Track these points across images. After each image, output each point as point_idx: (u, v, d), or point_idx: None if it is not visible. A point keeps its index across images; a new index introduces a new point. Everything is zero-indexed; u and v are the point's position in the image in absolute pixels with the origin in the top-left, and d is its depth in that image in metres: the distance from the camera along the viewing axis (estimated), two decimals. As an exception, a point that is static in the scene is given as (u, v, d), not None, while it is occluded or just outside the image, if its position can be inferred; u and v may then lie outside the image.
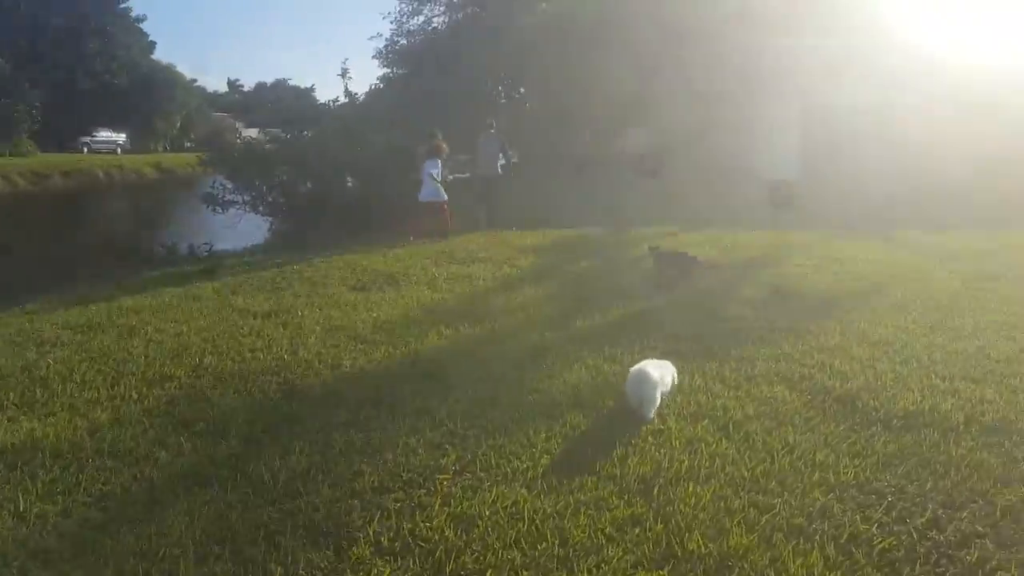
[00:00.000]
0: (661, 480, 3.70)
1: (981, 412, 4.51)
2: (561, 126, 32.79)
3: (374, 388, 5.01)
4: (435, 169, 12.78)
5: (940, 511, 3.41)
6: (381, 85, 33.32)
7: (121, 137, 53.44)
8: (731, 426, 4.32)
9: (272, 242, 14.87)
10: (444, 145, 13.03)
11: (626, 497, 3.55)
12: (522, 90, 28.21)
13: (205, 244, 13.39)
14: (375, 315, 6.86)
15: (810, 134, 22.35)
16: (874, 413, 4.51)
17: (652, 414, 4.39)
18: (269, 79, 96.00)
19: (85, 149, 50.28)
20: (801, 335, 6.17)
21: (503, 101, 28.91)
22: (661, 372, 4.54)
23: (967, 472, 3.76)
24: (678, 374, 4.82)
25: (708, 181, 23.03)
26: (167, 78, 62.73)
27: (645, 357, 4.96)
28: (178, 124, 64.25)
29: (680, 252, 9.03)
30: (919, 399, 4.70)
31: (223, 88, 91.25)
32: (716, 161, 26.01)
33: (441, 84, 30.39)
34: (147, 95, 58.79)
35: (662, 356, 5.06)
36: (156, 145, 60.43)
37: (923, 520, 3.32)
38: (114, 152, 50.75)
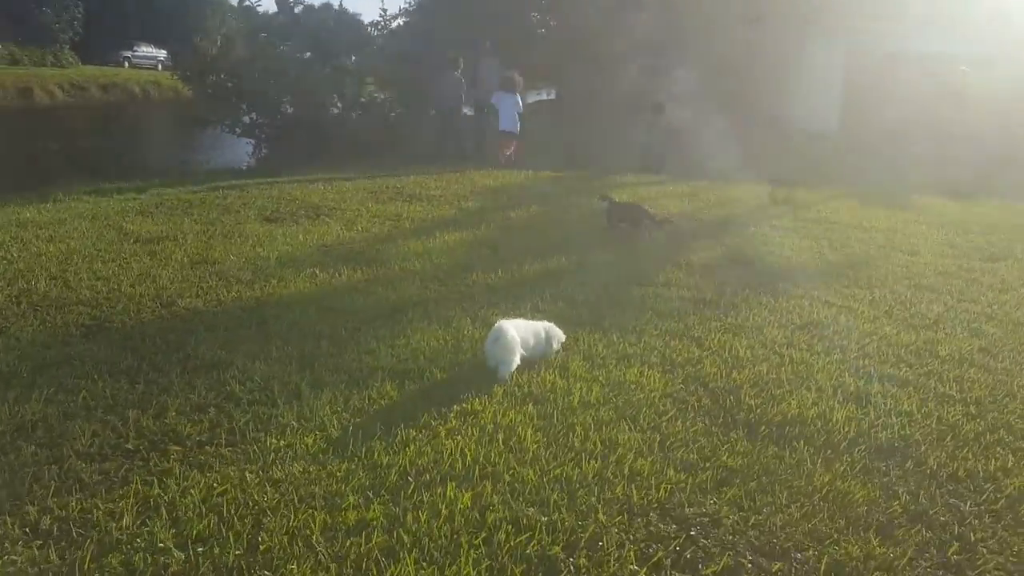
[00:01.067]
0: (426, 477, 2.98)
1: (881, 427, 3.63)
2: (600, 62, 31.19)
3: (185, 333, 4.36)
4: (512, 100, 13.32)
5: (748, 558, 2.62)
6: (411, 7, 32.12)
7: (162, 53, 53.07)
8: (556, 415, 3.54)
9: (249, 164, 14.25)
10: (519, 78, 13.45)
11: (368, 495, 2.84)
12: (552, 23, 26.46)
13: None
14: (261, 251, 6.18)
15: (854, 82, 20.58)
16: (745, 414, 3.68)
17: (507, 376, 3.87)
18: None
19: (126, 64, 50.12)
20: (722, 309, 5.29)
21: (541, 31, 27.25)
22: (530, 332, 4.06)
23: (819, 506, 2.95)
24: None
25: (736, 126, 21.66)
26: (207, -2, 61.76)
27: (527, 319, 4.28)
28: (218, 43, 63.62)
29: (634, 204, 8.10)
30: (810, 402, 3.84)
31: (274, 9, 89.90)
32: (750, 106, 24.43)
33: (476, 9, 29.07)
34: (187, 12, 58.17)
35: (548, 320, 4.33)
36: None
37: (714, 570, 2.54)
38: (155, 68, 50.50)
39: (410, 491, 2.87)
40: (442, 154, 13.22)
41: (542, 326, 4.23)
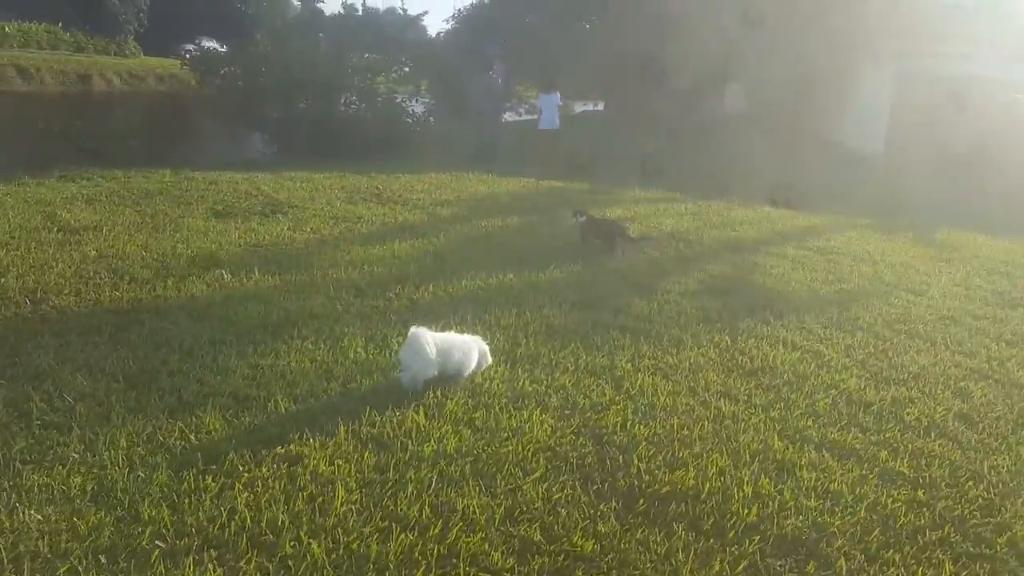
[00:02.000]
0: (183, 543, 2.42)
1: (792, 512, 2.94)
2: (650, 77, 30.37)
3: (30, 335, 3.91)
4: (553, 101, 15.18)
5: None
6: (464, 12, 31.89)
7: (222, 48, 54.08)
8: (395, 467, 2.95)
9: (262, 155, 13.98)
10: (558, 80, 16.04)
11: (99, 560, 2.30)
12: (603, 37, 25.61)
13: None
14: (182, 247, 5.73)
15: (905, 105, 19.41)
16: (629, 481, 3.03)
17: (411, 387, 3.58)
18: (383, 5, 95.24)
19: (187, 56, 51.13)
20: (664, 345, 4.62)
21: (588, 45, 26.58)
22: (453, 345, 3.72)
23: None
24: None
25: (781, 147, 20.69)
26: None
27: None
28: (320, 45, 64.53)
29: (610, 220, 7.45)
30: (716, 471, 3.16)
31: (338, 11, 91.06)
32: (798, 126, 23.40)
33: (524, 18, 28.71)
34: (249, 8, 59.25)
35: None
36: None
37: None
38: (213, 62, 51.34)
39: (152, 559, 2.32)
40: (477, 155, 13.47)
41: (472, 341, 3.84)
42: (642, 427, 3.49)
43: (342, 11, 17.00)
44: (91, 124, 20.32)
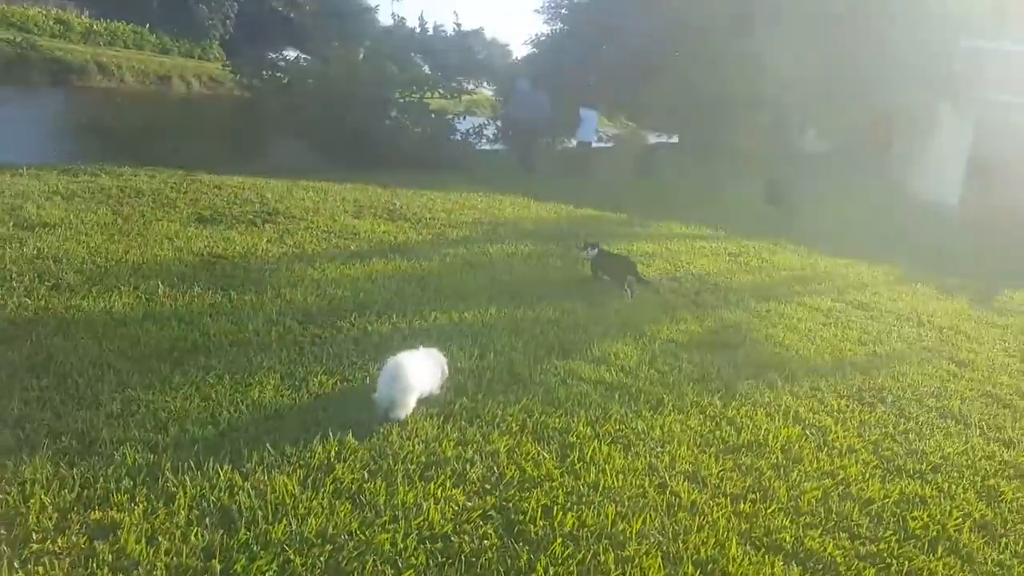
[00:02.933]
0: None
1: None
2: (727, 112, 29.53)
3: None
4: (592, 115, 17.47)
5: None
6: (543, 38, 31.70)
7: (304, 58, 55.50)
8: (225, 553, 2.43)
9: (297, 166, 13.83)
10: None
11: None
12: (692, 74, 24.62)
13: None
14: (134, 254, 5.35)
15: (984, 156, 18.09)
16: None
17: (403, 418, 3.41)
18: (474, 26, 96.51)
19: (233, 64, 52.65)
20: (640, 407, 3.99)
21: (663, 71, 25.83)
22: (435, 367, 3.69)
23: None
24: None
25: (852, 190, 19.59)
26: (355, 9, 64.24)
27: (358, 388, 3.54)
28: (360, 55, 66.25)
29: (622, 256, 6.82)
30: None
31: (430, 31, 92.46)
32: (873, 171, 22.26)
33: (601, 47, 28.34)
34: (332, 22, 60.64)
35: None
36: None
37: None
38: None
39: None
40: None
41: (438, 359, 3.76)
42: (570, 515, 2.89)
43: (418, 28, 17.02)
44: (149, 122, 20.78)
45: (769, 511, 3.16)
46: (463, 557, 2.56)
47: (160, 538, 2.41)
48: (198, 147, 14.23)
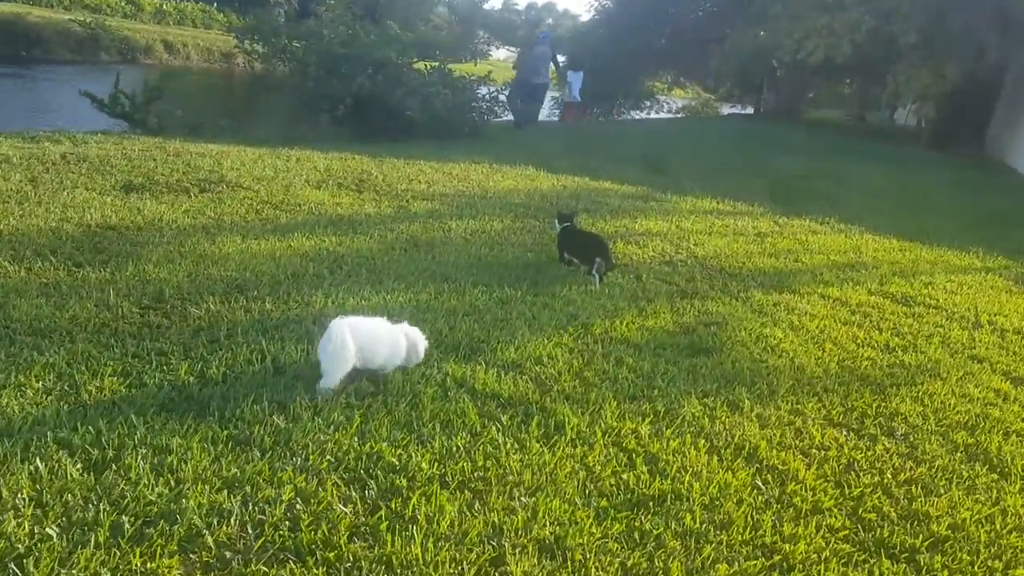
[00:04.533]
0: None
1: None
2: (805, 80, 27.54)
3: None
4: (579, 76, 19.44)
5: None
6: (607, 4, 30.22)
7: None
8: None
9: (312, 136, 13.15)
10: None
11: None
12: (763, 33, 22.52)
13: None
14: (7, 224, 4.66)
15: None
16: None
17: (328, 392, 3.00)
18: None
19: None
20: (525, 434, 2.98)
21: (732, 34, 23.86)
22: (379, 338, 3.14)
23: None
24: None
25: (936, 165, 17.62)
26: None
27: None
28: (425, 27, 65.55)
29: (594, 235, 5.72)
30: None
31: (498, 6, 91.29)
32: (968, 145, 19.99)
33: (668, 11, 26.83)
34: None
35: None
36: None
37: None
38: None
39: None
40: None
41: (401, 331, 3.24)
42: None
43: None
44: (193, 98, 20.65)
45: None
46: None
47: None
48: (241, 122, 13.73)
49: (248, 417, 2.80)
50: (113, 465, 2.42)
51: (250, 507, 2.31)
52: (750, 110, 32.51)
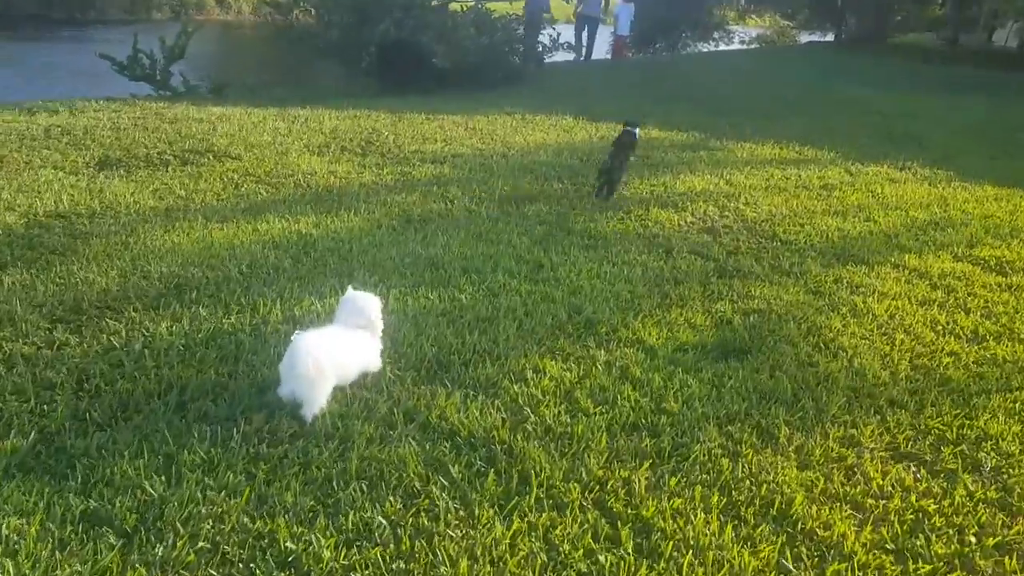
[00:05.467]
0: None
1: None
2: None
3: None
4: (629, 10, 17.85)
5: None
6: None
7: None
8: None
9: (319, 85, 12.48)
10: None
11: None
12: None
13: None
14: None
15: None
16: None
17: (315, 410, 2.56)
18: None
19: None
20: (478, 480, 2.29)
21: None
22: (352, 347, 2.73)
23: None
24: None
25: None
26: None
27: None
28: None
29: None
30: None
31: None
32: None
33: None
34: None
35: None
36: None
37: None
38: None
39: None
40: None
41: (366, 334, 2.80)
42: None
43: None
44: (224, 56, 20.32)
45: None
46: None
47: None
48: (273, 79, 13.22)
49: (118, 481, 2.21)
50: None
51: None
52: (831, 37, 29.99)
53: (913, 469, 2.66)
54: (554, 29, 13.55)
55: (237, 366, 2.83)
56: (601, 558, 2.09)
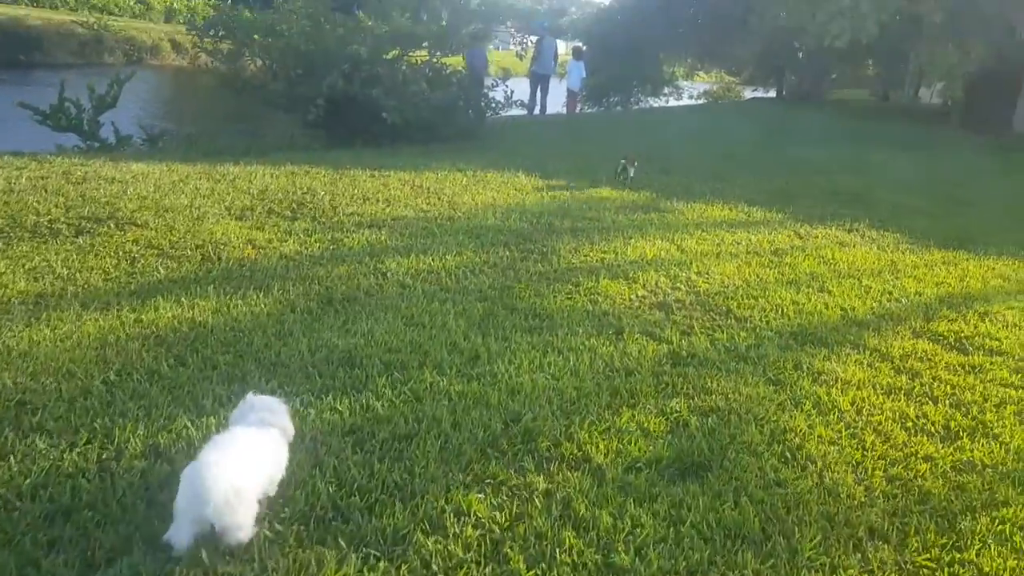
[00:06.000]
0: None
1: None
2: (826, 61, 25.92)
3: None
4: (579, 66, 18.56)
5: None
6: None
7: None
8: None
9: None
10: (584, 49, 20.31)
11: None
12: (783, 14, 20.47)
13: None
14: None
15: None
16: None
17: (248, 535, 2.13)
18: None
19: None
20: None
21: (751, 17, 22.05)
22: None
23: None
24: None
25: (972, 149, 16.16)
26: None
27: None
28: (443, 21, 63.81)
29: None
30: None
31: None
32: (1000, 126, 18.49)
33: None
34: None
35: None
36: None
37: None
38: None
39: None
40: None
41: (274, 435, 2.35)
42: None
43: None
44: (164, 103, 19.68)
45: None
46: None
47: None
48: (185, 126, 12.61)
49: None
50: None
51: None
52: (772, 93, 30.90)
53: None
54: (507, 86, 13.35)
55: (65, 529, 2.25)
56: None
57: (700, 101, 32.10)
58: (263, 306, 4.12)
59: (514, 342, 3.92)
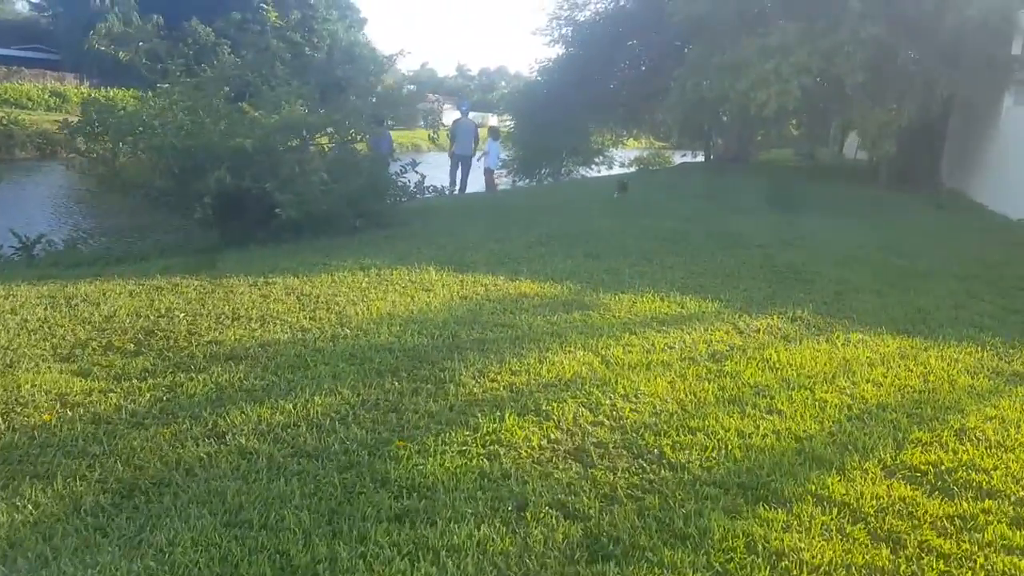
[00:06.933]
0: None
1: None
2: (751, 122, 26.17)
3: None
4: (496, 146, 19.70)
5: None
6: (547, 64, 28.68)
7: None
8: None
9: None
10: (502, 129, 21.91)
11: None
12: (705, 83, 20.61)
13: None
14: None
15: None
16: None
17: None
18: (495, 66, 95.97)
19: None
20: None
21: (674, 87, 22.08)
22: None
23: None
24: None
25: (903, 207, 16.05)
26: (365, 54, 62.62)
27: None
28: (372, 100, 63.82)
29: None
30: None
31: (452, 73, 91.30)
32: (927, 180, 18.66)
33: (609, 64, 25.60)
34: (342, 68, 58.96)
35: None
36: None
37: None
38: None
39: None
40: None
41: None
42: None
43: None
44: (79, 202, 18.58)
45: None
46: None
47: None
48: (83, 226, 11.42)
49: None
50: None
51: None
52: (701, 157, 31.26)
53: None
54: (418, 172, 12.61)
55: None
56: None
57: (631, 169, 32.22)
58: (33, 508, 3.01)
59: (371, 546, 2.89)
